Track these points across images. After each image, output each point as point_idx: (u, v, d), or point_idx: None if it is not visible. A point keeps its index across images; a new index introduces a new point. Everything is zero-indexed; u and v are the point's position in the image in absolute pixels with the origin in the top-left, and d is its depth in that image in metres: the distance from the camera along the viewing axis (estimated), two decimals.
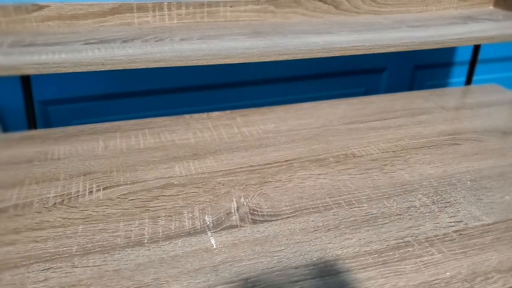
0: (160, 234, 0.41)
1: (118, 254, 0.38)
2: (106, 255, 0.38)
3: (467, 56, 1.09)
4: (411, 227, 0.42)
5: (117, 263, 0.37)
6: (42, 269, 0.36)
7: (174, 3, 0.77)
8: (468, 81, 1.07)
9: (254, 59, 0.66)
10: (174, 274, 0.36)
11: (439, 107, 0.70)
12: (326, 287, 0.35)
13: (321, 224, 0.42)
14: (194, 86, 0.98)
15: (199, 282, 0.35)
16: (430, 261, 0.38)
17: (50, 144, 0.56)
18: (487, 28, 0.82)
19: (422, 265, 0.38)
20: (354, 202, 0.46)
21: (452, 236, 0.41)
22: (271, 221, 0.43)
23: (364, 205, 0.45)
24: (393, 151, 0.56)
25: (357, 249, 0.39)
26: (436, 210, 0.45)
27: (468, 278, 0.36)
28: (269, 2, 0.82)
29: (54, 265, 0.37)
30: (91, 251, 0.38)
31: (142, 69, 0.62)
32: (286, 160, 0.53)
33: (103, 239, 0.40)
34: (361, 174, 0.50)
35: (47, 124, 0.90)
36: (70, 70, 0.59)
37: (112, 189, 0.47)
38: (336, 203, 0.46)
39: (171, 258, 0.38)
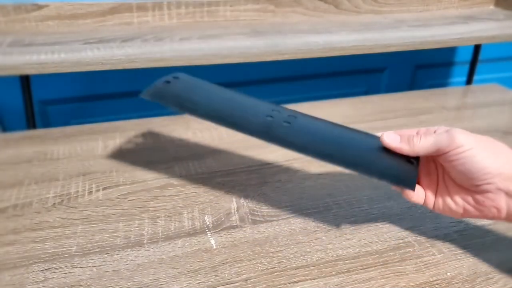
0: (160, 234, 0.40)
1: (118, 254, 0.38)
2: (106, 255, 0.38)
3: (467, 55, 1.09)
4: (411, 227, 0.42)
5: (117, 264, 0.37)
6: (41, 269, 0.36)
7: (174, 2, 0.77)
8: (469, 81, 1.07)
9: (254, 59, 0.66)
10: (174, 275, 0.36)
11: (439, 107, 0.69)
12: None
13: (322, 224, 0.42)
14: None
15: (198, 283, 0.35)
16: (430, 261, 0.38)
17: (50, 144, 0.55)
18: (488, 27, 0.82)
19: (422, 265, 0.37)
20: (354, 202, 0.46)
21: (452, 236, 0.41)
22: (271, 221, 0.43)
23: (364, 205, 0.45)
24: None
25: (357, 250, 0.39)
26: None
27: (468, 278, 0.36)
28: (269, 1, 0.82)
29: (54, 266, 0.36)
30: (91, 251, 0.38)
31: (142, 69, 0.62)
32: (286, 160, 0.53)
33: (103, 240, 0.40)
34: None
35: (47, 124, 0.90)
36: (70, 70, 0.59)
37: (111, 189, 0.47)
38: (336, 204, 0.45)
39: (171, 258, 0.38)
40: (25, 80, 0.71)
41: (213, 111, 0.38)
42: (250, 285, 0.35)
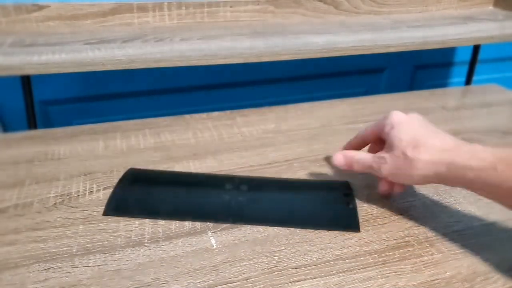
0: (161, 234, 0.41)
1: (119, 254, 0.38)
2: (107, 255, 0.38)
3: (467, 56, 1.09)
4: (411, 227, 0.42)
5: (118, 263, 0.37)
6: (42, 269, 0.36)
7: (174, 3, 0.77)
8: (468, 81, 1.07)
9: (254, 59, 0.66)
10: (174, 274, 0.36)
11: (439, 107, 0.70)
12: (326, 287, 0.35)
13: None
14: (194, 86, 0.98)
15: (199, 282, 0.35)
16: (430, 261, 0.38)
17: (50, 144, 0.56)
18: (487, 28, 0.82)
19: (422, 265, 0.38)
20: None
21: (452, 236, 0.41)
22: None
23: (364, 205, 0.45)
24: None
25: (357, 249, 0.39)
26: (436, 210, 0.45)
27: (468, 278, 0.36)
28: (269, 2, 0.82)
29: (55, 265, 0.37)
30: (92, 251, 0.38)
31: (142, 69, 0.62)
32: (286, 160, 0.53)
33: (104, 239, 0.40)
34: (361, 174, 0.50)
35: (47, 124, 0.91)
36: (70, 70, 0.60)
37: (112, 189, 0.47)
38: None
39: (171, 258, 0.38)
40: (26, 81, 0.72)
41: (175, 215, 0.43)
42: (250, 285, 0.35)
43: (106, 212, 0.43)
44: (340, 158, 0.45)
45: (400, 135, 0.41)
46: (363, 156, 0.44)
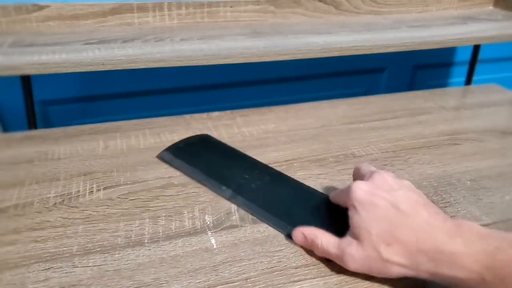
0: (161, 234, 0.41)
1: (119, 254, 0.38)
2: (107, 255, 0.38)
3: (467, 56, 1.09)
4: None
5: (118, 263, 0.37)
6: (42, 269, 0.36)
7: (174, 3, 0.77)
8: (468, 81, 1.07)
9: (254, 59, 0.66)
10: (174, 274, 0.36)
11: (439, 107, 0.70)
12: (326, 287, 0.35)
13: None
14: (194, 86, 0.98)
15: (199, 282, 0.35)
16: None
17: (51, 144, 0.56)
18: (487, 28, 0.82)
19: None
20: None
21: None
22: None
23: None
24: (393, 151, 0.56)
25: None
26: None
27: None
28: (269, 2, 0.82)
29: (55, 265, 0.37)
30: (92, 251, 0.38)
31: (142, 69, 0.62)
32: (286, 160, 0.53)
33: (104, 239, 0.40)
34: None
35: (47, 124, 0.91)
36: (70, 70, 0.59)
37: (112, 189, 0.47)
38: None
39: (171, 258, 0.38)
40: (26, 81, 0.72)
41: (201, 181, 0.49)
42: (250, 285, 0.35)
43: (161, 157, 0.52)
44: (300, 237, 0.39)
45: (366, 225, 0.35)
46: (326, 242, 0.37)
